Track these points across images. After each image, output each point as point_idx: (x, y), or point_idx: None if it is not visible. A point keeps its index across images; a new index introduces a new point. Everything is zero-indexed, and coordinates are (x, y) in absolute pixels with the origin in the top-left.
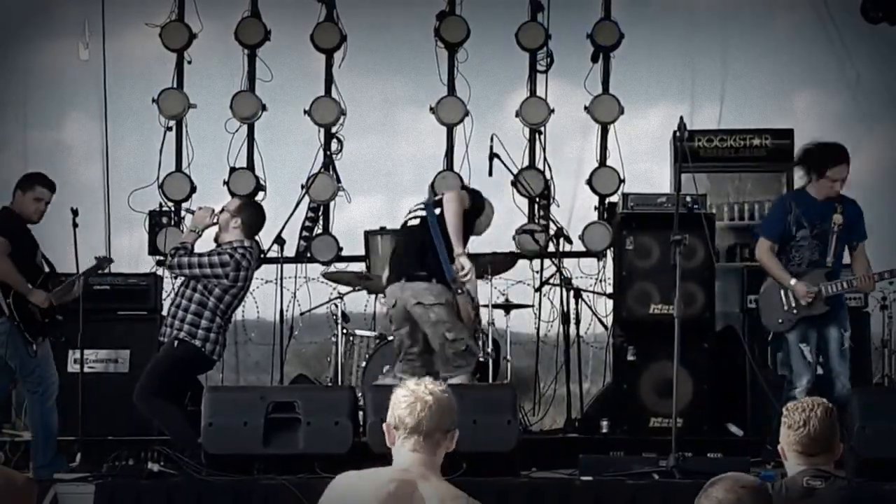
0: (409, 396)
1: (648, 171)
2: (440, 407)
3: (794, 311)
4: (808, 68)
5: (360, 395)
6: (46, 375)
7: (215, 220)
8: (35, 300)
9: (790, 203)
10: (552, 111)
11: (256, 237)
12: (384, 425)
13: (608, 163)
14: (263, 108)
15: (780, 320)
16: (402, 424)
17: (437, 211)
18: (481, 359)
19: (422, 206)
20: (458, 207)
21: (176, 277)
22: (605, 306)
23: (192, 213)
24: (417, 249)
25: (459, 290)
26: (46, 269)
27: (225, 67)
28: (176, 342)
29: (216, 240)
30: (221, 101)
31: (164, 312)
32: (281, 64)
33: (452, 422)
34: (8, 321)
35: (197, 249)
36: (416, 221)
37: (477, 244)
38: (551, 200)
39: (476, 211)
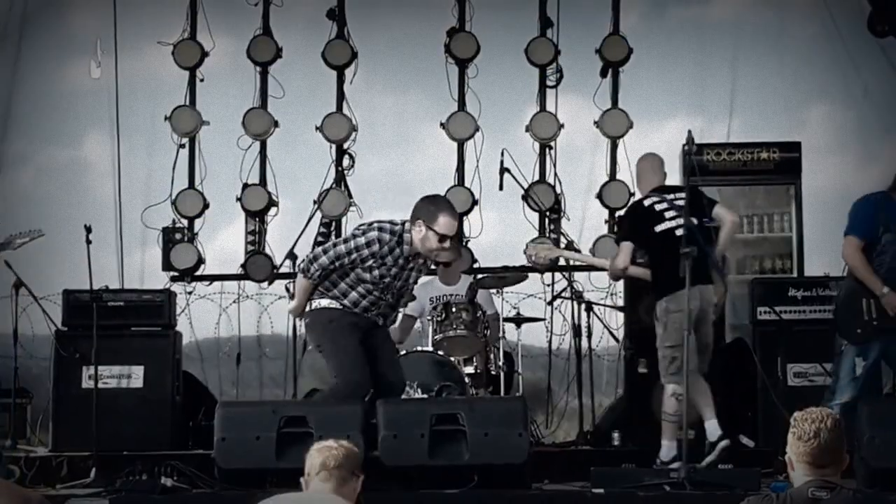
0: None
1: None
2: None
3: (875, 322)
4: (816, 82)
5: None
6: None
7: None
8: None
9: (878, 202)
10: (562, 126)
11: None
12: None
13: (618, 177)
14: (276, 124)
15: (858, 330)
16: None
17: None
18: (493, 372)
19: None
20: None
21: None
22: (617, 319)
23: None
24: None
25: None
26: None
27: (237, 84)
28: None
29: None
30: (234, 117)
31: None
32: (293, 81)
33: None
34: None
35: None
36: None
37: (490, 258)
38: (562, 214)
39: None
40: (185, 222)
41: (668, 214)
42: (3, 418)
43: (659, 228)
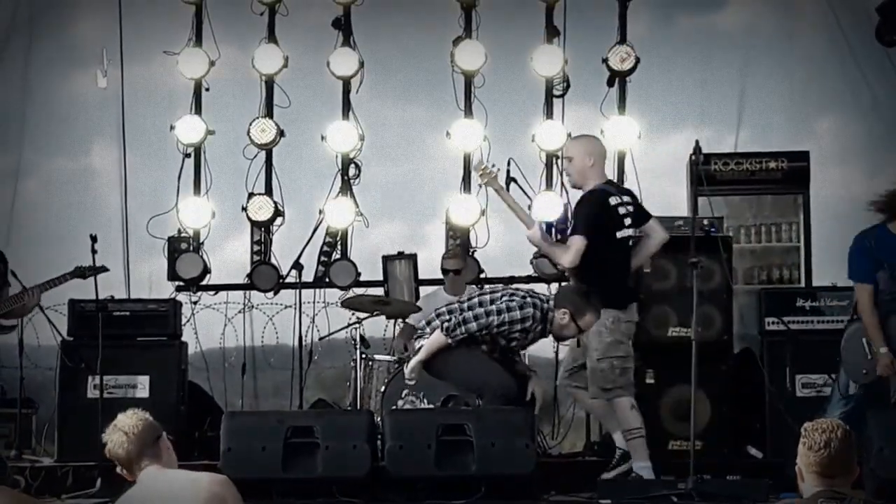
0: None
1: (667, 194)
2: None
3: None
4: (825, 92)
5: (378, 419)
6: None
7: None
8: None
9: (870, 245)
10: (569, 136)
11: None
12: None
13: (625, 186)
14: (281, 134)
15: (864, 371)
16: None
17: None
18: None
19: None
20: None
21: None
22: None
23: None
24: None
25: None
26: None
27: (243, 94)
28: None
29: None
30: (239, 127)
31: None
32: (298, 90)
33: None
34: None
35: None
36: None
37: (496, 269)
38: (569, 224)
39: None
40: (190, 232)
41: (626, 221)
42: (9, 428)
43: (620, 235)
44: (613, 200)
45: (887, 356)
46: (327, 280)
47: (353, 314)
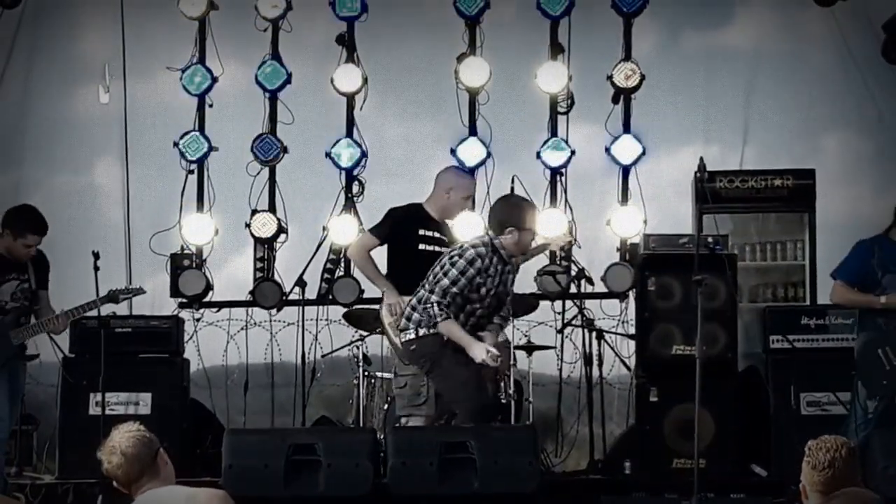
0: None
1: (672, 212)
2: None
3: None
4: (831, 110)
5: (381, 437)
6: None
7: None
8: None
9: (872, 246)
10: (573, 152)
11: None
12: None
13: (630, 203)
14: (285, 150)
15: (884, 381)
16: None
17: None
18: (503, 400)
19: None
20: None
21: None
22: (628, 347)
23: None
24: None
25: None
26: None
27: (246, 110)
28: None
29: None
30: (243, 143)
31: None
32: (302, 106)
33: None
34: None
35: None
36: None
37: None
38: (573, 242)
39: None
40: (193, 248)
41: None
42: (9, 445)
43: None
44: None
45: (892, 295)
46: (330, 297)
47: (356, 331)
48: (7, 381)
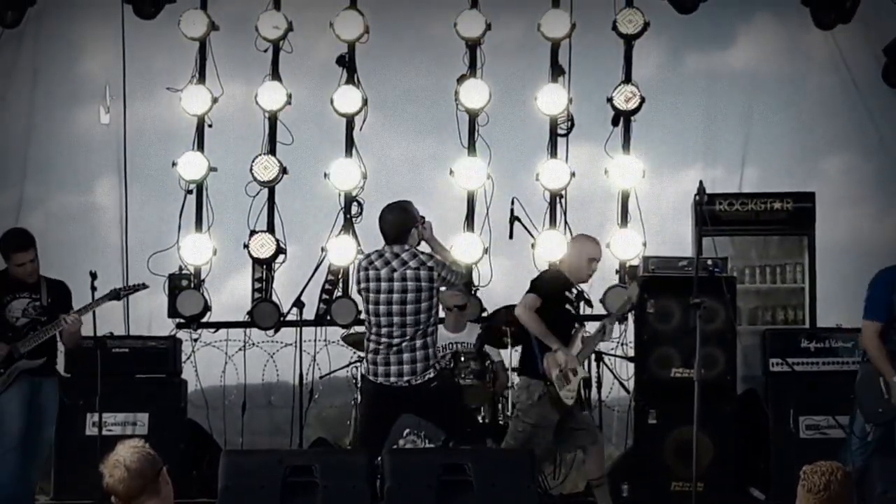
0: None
1: (672, 234)
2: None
3: (894, 403)
4: (832, 133)
5: (378, 458)
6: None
7: None
8: None
9: (890, 281)
10: (573, 175)
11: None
12: None
13: (630, 226)
14: (284, 171)
15: (880, 410)
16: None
17: None
18: (501, 422)
19: None
20: None
21: None
22: (627, 370)
23: None
24: None
25: None
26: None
27: (246, 131)
28: None
29: None
30: (242, 164)
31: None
32: (302, 127)
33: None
34: None
35: None
36: None
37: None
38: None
39: None
40: (191, 269)
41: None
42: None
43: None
44: None
45: None
46: (328, 318)
47: (354, 352)
48: (22, 394)
